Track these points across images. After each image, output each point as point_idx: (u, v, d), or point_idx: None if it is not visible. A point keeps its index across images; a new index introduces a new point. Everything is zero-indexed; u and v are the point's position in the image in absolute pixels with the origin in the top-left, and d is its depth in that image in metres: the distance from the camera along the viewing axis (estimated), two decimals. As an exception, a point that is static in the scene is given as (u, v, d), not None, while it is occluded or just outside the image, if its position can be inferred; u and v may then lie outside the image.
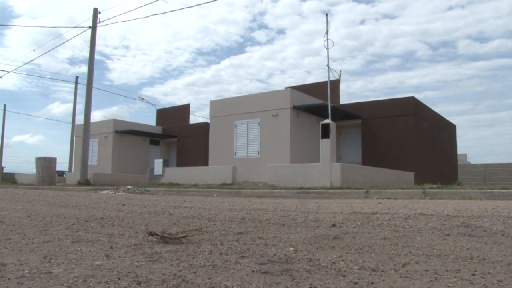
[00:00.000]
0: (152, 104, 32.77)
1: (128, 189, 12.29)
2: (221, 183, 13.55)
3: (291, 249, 2.31)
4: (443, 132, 20.08)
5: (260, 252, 2.24)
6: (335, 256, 2.12)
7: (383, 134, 16.85)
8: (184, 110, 27.16)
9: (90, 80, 18.24)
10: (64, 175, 26.71)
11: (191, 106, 33.01)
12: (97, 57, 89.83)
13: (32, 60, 43.11)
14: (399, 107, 16.66)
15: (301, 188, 9.70)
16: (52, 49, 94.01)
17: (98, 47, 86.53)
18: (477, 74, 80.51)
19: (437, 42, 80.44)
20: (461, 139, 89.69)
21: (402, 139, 16.31)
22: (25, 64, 47.03)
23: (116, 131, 22.69)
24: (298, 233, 2.96)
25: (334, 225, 3.33)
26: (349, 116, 17.27)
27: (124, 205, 6.17)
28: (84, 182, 17.54)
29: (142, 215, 4.43)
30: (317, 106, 15.88)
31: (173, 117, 26.63)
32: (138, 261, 2.01)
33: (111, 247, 2.38)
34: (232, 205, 5.88)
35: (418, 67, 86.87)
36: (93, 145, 22.63)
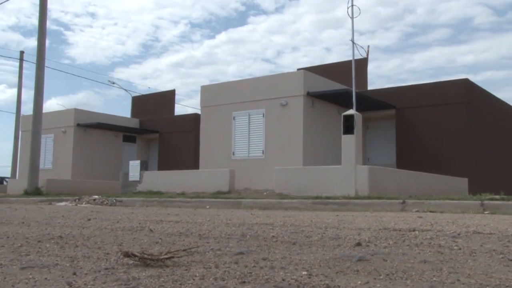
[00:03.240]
0: (126, 90, 32.65)
1: (95, 199, 12.37)
2: (216, 191, 13.61)
3: (304, 273, 2.35)
4: (508, 125, 19.97)
5: (265, 276, 2.28)
6: (359, 282, 2.15)
7: (425, 128, 16.85)
8: (168, 97, 27.25)
9: (41, 56, 17.98)
10: (5, 183, 26.66)
11: (177, 92, 33.06)
12: (52, 26, 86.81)
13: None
14: (447, 93, 16.63)
15: (317, 197, 9.75)
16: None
17: (53, 13, 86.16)
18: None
19: (504, 4, 78.93)
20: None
21: (451, 134, 16.29)
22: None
23: (79, 124, 22.72)
24: (313, 253, 3.01)
25: (359, 244, 3.37)
26: (380, 106, 17.28)
27: (90, 220, 6.25)
28: (34, 191, 17.37)
29: (114, 232, 4.49)
30: (338, 92, 15.90)
31: (154, 107, 26.72)
32: (110, 289, 2.06)
33: (75, 273, 2.42)
34: (230, 219, 5.94)
35: (475, 40, 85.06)
36: (47, 142, 22.68)
